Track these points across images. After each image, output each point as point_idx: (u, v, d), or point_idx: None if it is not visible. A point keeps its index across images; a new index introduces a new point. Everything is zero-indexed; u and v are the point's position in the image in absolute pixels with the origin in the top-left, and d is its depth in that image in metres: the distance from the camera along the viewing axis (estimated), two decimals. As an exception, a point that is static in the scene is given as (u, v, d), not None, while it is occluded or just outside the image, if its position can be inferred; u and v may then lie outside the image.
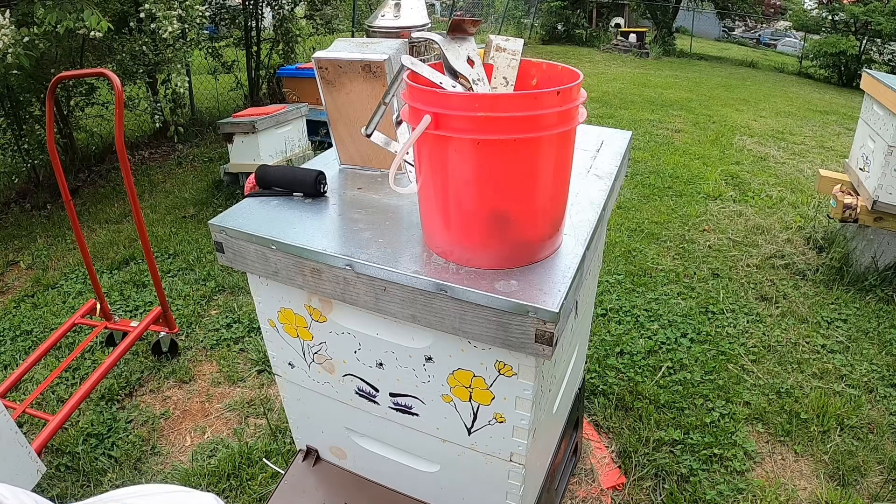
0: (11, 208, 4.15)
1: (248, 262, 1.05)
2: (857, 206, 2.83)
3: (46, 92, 2.04)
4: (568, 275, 0.87)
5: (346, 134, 1.23)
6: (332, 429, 1.29)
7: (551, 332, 0.81)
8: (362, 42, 1.14)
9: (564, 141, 0.84)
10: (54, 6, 3.01)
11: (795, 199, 4.08)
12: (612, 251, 3.30)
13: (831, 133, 6.15)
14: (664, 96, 7.67)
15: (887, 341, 2.52)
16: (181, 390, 2.26)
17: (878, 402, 2.18)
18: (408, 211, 1.08)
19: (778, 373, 2.33)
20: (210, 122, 5.63)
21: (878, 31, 9.92)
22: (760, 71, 11.59)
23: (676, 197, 4.12)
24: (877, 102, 2.74)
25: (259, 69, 6.26)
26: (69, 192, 2.17)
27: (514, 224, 0.86)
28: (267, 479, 1.82)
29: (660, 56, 12.11)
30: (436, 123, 0.78)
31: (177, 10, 3.54)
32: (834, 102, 8.25)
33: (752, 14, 16.77)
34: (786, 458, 1.95)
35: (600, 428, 2.06)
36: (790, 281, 3.02)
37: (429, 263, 0.91)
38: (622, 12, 14.96)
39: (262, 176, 1.17)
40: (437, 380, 1.01)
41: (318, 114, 4.45)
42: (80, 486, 1.83)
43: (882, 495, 1.79)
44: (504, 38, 0.93)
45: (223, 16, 5.92)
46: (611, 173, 1.21)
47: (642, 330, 2.58)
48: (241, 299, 2.83)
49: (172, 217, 3.83)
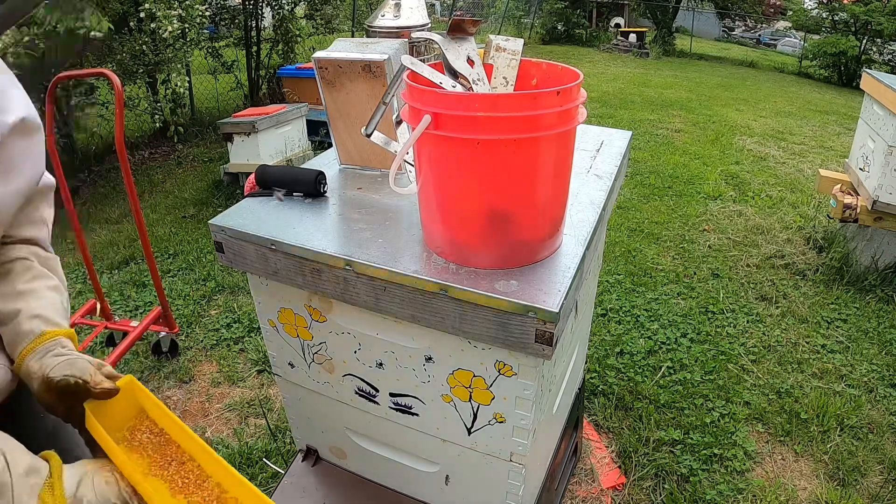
0: (11, 208, 4.14)
1: (248, 262, 1.05)
2: (857, 206, 2.83)
3: (46, 92, 2.04)
4: (568, 275, 0.87)
5: (346, 134, 1.23)
6: (332, 429, 1.29)
7: (551, 331, 0.81)
8: (362, 42, 1.14)
9: (564, 141, 0.84)
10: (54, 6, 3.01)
11: (795, 199, 4.08)
12: (612, 251, 3.30)
13: (831, 133, 6.15)
14: (664, 96, 7.67)
15: (887, 341, 2.52)
16: (181, 390, 2.26)
17: (878, 402, 2.18)
18: (408, 211, 1.08)
19: (778, 373, 2.33)
20: (210, 122, 5.63)
21: (879, 31, 9.92)
22: (760, 71, 11.59)
23: (676, 197, 4.12)
24: (877, 102, 2.74)
25: (259, 69, 6.26)
26: (69, 192, 2.17)
27: (513, 224, 0.86)
28: (267, 479, 1.82)
29: (660, 56, 12.11)
30: (436, 123, 0.78)
31: (177, 9, 3.54)
32: (834, 102, 8.25)
33: (752, 14, 16.77)
34: (786, 458, 1.95)
35: (600, 428, 2.06)
36: (790, 281, 3.01)
37: (429, 263, 0.91)
38: (622, 12, 14.97)
39: (262, 176, 1.17)
40: (437, 380, 1.01)
41: (318, 114, 4.45)
42: (80, 486, 1.83)
43: (882, 495, 1.79)
44: (504, 38, 0.93)
45: (223, 16, 5.91)
46: (611, 173, 1.21)
47: (642, 330, 2.58)
48: (241, 299, 2.83)
49: (172, 217, 3.83)
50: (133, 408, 0.82)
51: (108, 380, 0.77)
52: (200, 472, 0.77)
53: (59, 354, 0.77)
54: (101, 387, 0.76)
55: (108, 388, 0.76)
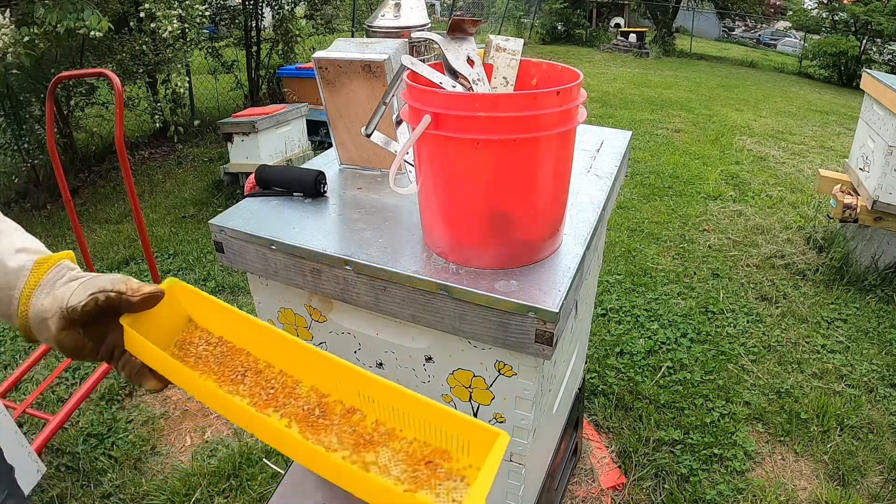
0: (11, 208, 4.15)
1: (248, 262, 1.05)
2: (857, 205, 2.83)
3: (46, 92, 2.04)
4: (568, 275, 0.87)
5: (346, 134, 1.23)
6: (332, 429, 1.29)
7: (551, 331, 0.81)
8: (362, 42, 1.14)
9: (564, 141, 0.84)
10: (54, 6, 3.01)
11: (795, 199, 4.08)
12: (612, 251, 3.30)
13: (831, 133, 6.15)
14: (664, 96, 7.67)
15: (887, 341, 2.52)
16: (181, 390, 2.25)
17: (878, 402, 2.18)
18: (408, 211, 1.08)
19: (778, 373, 2.33)
20: (210, 122, 5.64)
21: (879, 31, 9.91)
22: (760, 71, 11.59)
23: (676, 197, 4.12)
24: (877, 102, 2.74)
25: (259, 69, 6.26)
26: (69, 192, 2.17)
27: (514, 224, 0.86)
28: (267, 479, 1.82)
29: (660, 56, 12.11)
30: (436, 123, 0.78)
31: (177, 9, 3.54)
32: (834, 102, 8.24)
33: (752, 14, 16.77)
34: (786, 458, 1.95)
35: (600, 428, 2.06)
36: (790, 281, 3.01)
37: (429, 263, 0.91)
38: (622, 12, 14.97)
39: (262, 176, 1.17)
40: (437, 380, 1.01)
41: (318, 114, 4.45)
42: (80, 486, 1.83)
43: (882, 495, 1.79)
44: (504, 37, 0.93)
45: (223, 16, 5.91)
46: (611, 173, 1.21)
47: (642, 330, 2.58)
48: (241, 299, 2.83)
49: (172, 217, 3.83)
50: (178, 317, 0.67)
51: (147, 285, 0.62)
52: (286, 377, 0.62)
53: (73, 279, 0.62)
54: (142, 292, 0.61)
55: (150, 291, 0.61)
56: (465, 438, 0.55)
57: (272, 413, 0.58)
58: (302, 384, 0.61)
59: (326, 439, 0.56)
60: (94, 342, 0.62)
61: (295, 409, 0.58)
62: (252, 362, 0.63)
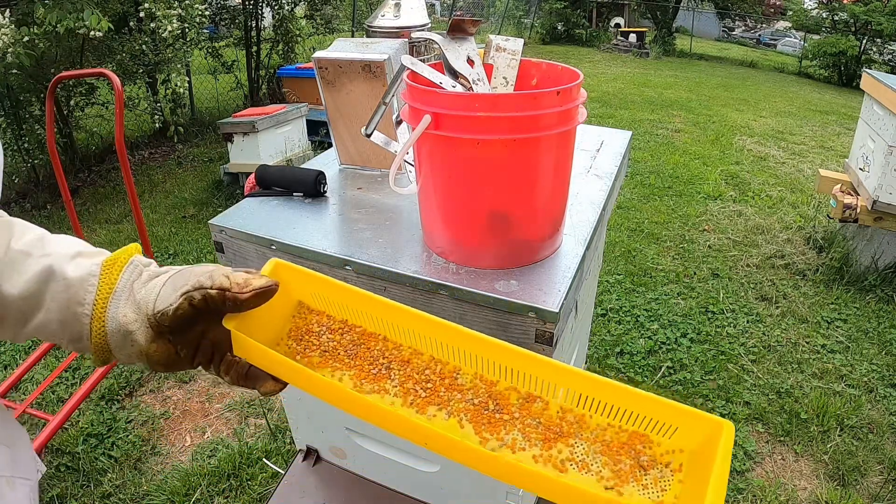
0: (11, 208, 4.14)
1: (248, 262, 1.05)
2: (857, 205, 2.83)
3: (46, 92, 2.04)
4: (568, 275, 0.87)
5: (346, 134, 1.23)
6: (332, 429, 1.29)
7: (551, 332, 0.81)
8: (362, 42, 1.14)
9: (564, 141, 0.84)
10: (54, 6, 3.01)
11: (795, 199, 4.08)
12: (612, 251, 3.30)
13: (831, 133, 6.15)
14: (664, 96, 7.67)
15: (887, 341, 2.52)
16: (181, 390, 2.25)
17: (878, 402, 2.18)
18: (408, 211, 1.08)
19: (778, 373, 2.33)
20: (210, 122, 5.64)
21: (879, 31, 9.91)
22: (760, 71, 11.59)
23: (676, 197, 4.12)
24: (877, 102, 2.74)
25: (259, 69, 6.26)
26: (69, 192, 2.17)
27: (513, 224, 0.86)
28: (267, 479, 1.82)
29: (660, 56, 12.11)
30: (436, 123, 0.78)
31: (177, 9, 3.54)
32: (834, 102, 8.24)
33: (752, 14, 16.77)
34: (786, 458, 1.95)
35: (600, 428, 2.05)
36: (790, 281, 3.01)
37: (429, 263, 0.91)
38: (622, 12, 14.96)
39: (262, 176, 1.17)
40: (437, 380, 1.01)
41: (318, 114, 4.45)
42: (80, 486, 1.83)
43: (882, 495, 1.79)
44: (504, 37, 0.93)
45: (223, 16, 5.91)
46: (611, 173, 1.21)
47: (642, 330, 2.58)
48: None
49: (172, 217, 3.83)
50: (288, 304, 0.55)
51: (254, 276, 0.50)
52: (440, 366, 0.51)
53: (154, 276, 0.51)
54: (251, 287, 0.48)
55: (261, 285, 0.49)
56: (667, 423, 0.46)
57: (437, 412, 0.48)
58: (462, 373, 0.50)
59: (509, 437, 0.48)
60: (186, 349, 0.51)
61: (463, 405, 0.48)
62: (394, 350, 0.52)
